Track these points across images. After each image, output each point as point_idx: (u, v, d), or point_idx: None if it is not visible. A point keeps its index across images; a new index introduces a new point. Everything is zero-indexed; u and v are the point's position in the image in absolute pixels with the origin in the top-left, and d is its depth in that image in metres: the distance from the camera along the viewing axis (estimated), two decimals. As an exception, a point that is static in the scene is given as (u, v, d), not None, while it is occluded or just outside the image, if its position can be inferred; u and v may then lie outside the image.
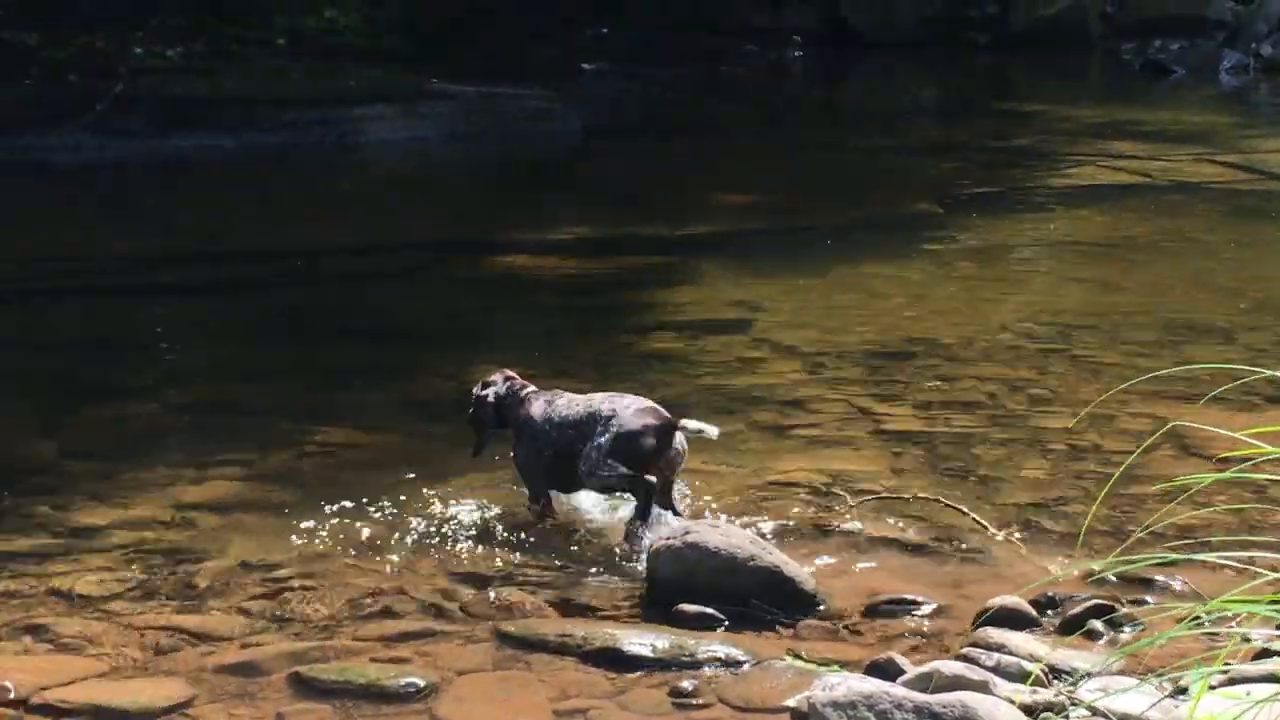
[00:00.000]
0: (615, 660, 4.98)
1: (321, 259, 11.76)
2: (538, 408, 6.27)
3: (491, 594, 5.55)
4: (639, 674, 4.91)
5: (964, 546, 6.03)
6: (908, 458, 7.13)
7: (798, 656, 4.96)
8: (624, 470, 5.97)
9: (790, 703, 4.51)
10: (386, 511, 6.32)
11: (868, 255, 11.53)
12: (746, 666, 4.93)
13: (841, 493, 6.60)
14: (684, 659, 4.97)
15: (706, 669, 4.92)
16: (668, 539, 5.53)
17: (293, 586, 5.63)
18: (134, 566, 5.86)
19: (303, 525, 6.21)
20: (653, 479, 5.97)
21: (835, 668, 4.75)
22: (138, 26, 18.84)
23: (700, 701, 4.70)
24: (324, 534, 6.14)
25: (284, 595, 5.56)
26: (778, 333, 9.36)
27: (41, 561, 5.95)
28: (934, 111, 22.44)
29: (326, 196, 14.93)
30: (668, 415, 6.04)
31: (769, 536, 5.92)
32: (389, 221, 13.43)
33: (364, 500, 6.42)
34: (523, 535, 6.11)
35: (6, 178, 15.15)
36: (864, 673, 4.56)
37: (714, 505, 6.37)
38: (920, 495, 6.44)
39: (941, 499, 6.36)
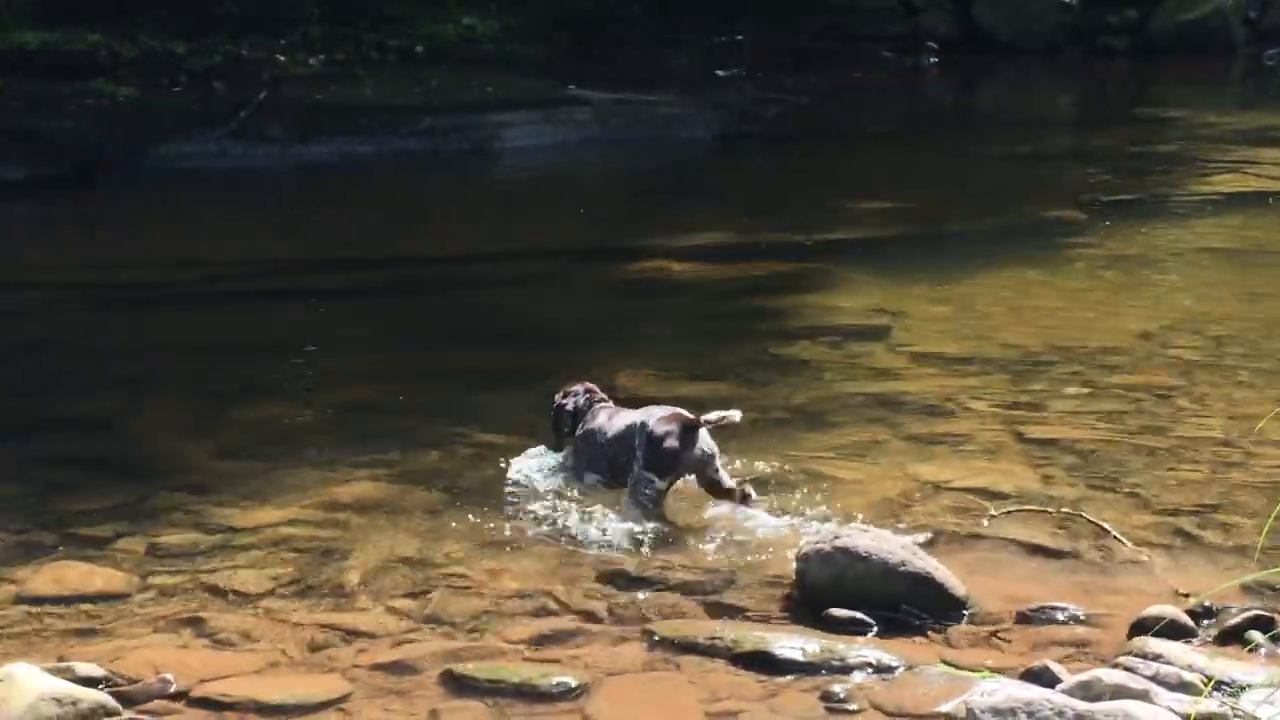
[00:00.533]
0: (766, 663, 4.99)
1: (461, 263, 11.90)
2: (600, 420, 6.52)
3: (640, 595, 5.58)
4: (790, 678, 4.91)
5: (1112, 555, 5.95)
6: (1053, 465, 7.05)
7: (950, 663, 4.93)
8: (660, 484, 6.19)
9: (946, 708, 4.50)
10: (530, 512, 6.39)
11: (1008, 262, 11.40)
12: (898, 672, 4.91)
13: (985, 501, 6.55)
14: (835, 663, 4.96)
15: (858, 674, 4.90)
16: (817, 542, 5.52)
17: (442, 585, 5.70)
18: (287, 564, 5.97)
19: (449, 525, 6.29)
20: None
21: (988, 674, 4.72)
22: (280, 35, 19.17)
23: (853, 707, 4.69)
24: (469, 534, 6.22)
25: (433, 594, 5.63)
26: (918, 339, 9.29)
27: (197, 557, 6.08)
28: (1072, 117, 22.17)
29: (465, 202, 15.06)
30: (689, 416, 6.19)
31: (916, 542, 5.87)
32: (527, 226, 13.52)
33: (508, 501, 6.50)
34: (668, 536, 6.14)
35: (154, 184, 15.51)
36: (1020, 679, 4.52)
37: (859, 510, 6.34)
38: (1065, 510, 6.36)
39: (1086, 515, 6.27)
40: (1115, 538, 6.04)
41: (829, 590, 5.37)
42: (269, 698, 4.85)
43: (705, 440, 6.20)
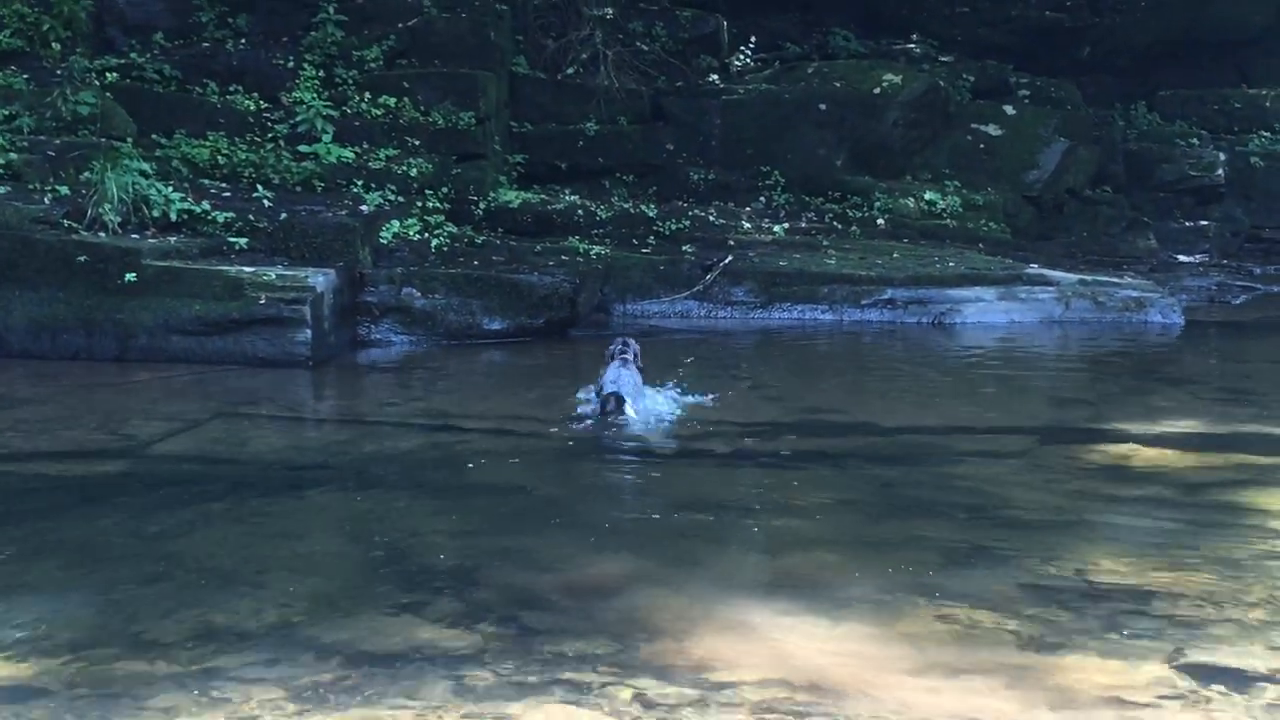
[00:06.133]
0: None
1: (923, 435, 11.80)
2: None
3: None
4: None
5: None
6: None
7: None
8: None
9: None
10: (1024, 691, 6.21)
11: None
12: None
13: None
14: None
15: None
16: None
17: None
18: (783, 727, 5.92)
19: (923, 691, 6.16)
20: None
21: None
22: (746, 203, 19.75)
23: None
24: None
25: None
26: None
27: (684, 709, 6.05)
28: None
29: (926, 375, 15.01)
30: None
31: None
32: (985, 403, 13.36)
33: (996, 681, 6.34)
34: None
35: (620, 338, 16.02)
36: None
37: None
38: None
39: None
40: None
41: None
42: None
43: None
